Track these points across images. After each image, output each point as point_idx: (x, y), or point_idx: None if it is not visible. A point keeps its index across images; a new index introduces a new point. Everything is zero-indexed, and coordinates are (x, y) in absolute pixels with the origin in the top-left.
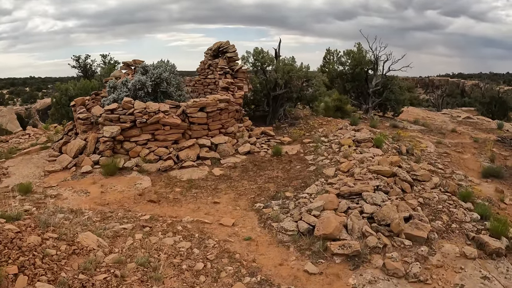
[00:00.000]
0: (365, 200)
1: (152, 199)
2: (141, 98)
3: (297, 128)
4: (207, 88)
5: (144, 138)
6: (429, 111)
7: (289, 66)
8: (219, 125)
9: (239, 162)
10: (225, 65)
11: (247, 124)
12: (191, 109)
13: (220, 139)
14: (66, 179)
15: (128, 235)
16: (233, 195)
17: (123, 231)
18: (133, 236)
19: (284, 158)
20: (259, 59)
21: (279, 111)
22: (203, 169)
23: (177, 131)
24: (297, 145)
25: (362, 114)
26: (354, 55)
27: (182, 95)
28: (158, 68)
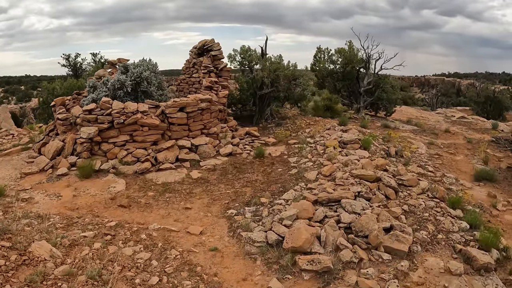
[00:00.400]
0: (344, 208)
1: (122, 204)
2: (121, 98)
3: (283, 128)
4: (192, 87)
5: (122, 139)
6: (424, 111)
7: (276, 64)
8: (200, 125)
9: (219, 164)
10: (210, 64)
11: (232, 125)
12: (170, 109)
13: (201, 140)
14: (41, 182)
15: (86, 244)
16: (207, 200)
17: (83, 240)
18: (91, 245)
19: (267, 160)
20: (246, 58)
21: (266, 111)
22: (181, 171)
23: (156, 132)
24: (282, 146)
25: (353, 113)
26: (345, 53)
27: (164, 95)
28: (139, 67)
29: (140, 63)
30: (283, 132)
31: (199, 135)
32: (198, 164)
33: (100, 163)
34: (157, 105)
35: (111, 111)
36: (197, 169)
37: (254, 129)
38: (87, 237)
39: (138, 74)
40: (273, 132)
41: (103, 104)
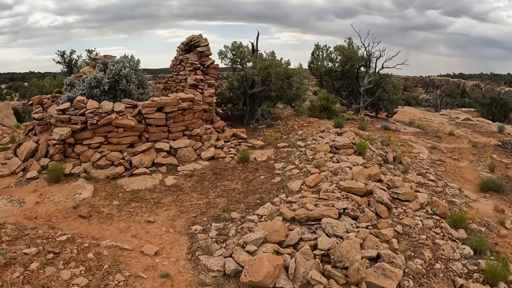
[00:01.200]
0: (324, 229)
1: (82, 214)
2: (97, 97)
3: (274, 130)
4: (179, 85)
5: (96, 141)
6: (427, 112)
7: (267, 61)
8: (182, 126)
9: (198, 170)
10: (196, 61)
11: (219, 125)
12: (147, 109)
13: (181, 142)
14: (9, 186)
15: (22, 264)
16: (174, 212)
17: (21, 258)
18: (27, 266)
19: (251, 166)
20: (238, 54)
21: (257, 111)
22: (155, 177)
23: (133, 133)
24: (270, 149)
25: (352, 114)
26: (344, 50)
27: (146, 94)
28: (117, 64)
29: (120, 59)
30: (273, 134)
31: (180, 137)
32: (175, 169)
33: (71, 167)
34: (135, 104)
35: (84, 111)
36: (173, 174)
37: (242, 131)
38: (28, 255)
39: (117, 72)
40: (263, 134)
41: (77, 103)
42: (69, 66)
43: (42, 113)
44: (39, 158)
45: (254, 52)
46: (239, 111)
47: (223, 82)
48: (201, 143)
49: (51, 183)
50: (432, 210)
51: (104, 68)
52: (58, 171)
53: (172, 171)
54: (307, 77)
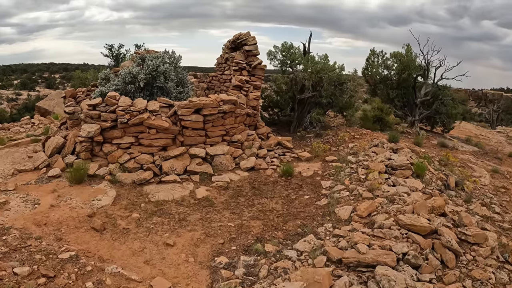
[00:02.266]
0: (379, 282)
1: (95, 227)
2: (132, 94)
3: (323, 140)
4: (223, 86)
5: (127, 141)
6: (482, 128)
7: (320, 65)
8: (221, 131)
9: (235, 182)
10: (242, 60)
11: (263, 132)
12: (183, 110)
13: (218, 149)
14: (29, 182)
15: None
16: (199, 233)
17: (8, 279)
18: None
19: (294, 181)
20: (288, 56)
21: (305, 118)
22: (185, 186)
23: (166, 136)
24: (317, 163)
25: (406, 127)
26: (401, 58)
27: (185, 93)
28: (156, 59)
29: (159, 54)
30: (322, 146)
31: (219, 142)
32: (210, 179)
33: (97, 167)
34: (171, 104)
35: (115, 108)
36: (206, 185)
37: (288, 139)
38: (18, 275)
39: (154, 67)
40: (311, 144)
41: (108, 99)
42: (116, 60)
43: (74, 107)
44: (66, 154)
45: (306, 54)
46: (286, 116)
47: (271, 84)
48: (242, 151)
49: (73, 183)
50: (504, 257)
51: (142, 63)
52: (82, 171)
53: (205, 181)
54: (361, 84)
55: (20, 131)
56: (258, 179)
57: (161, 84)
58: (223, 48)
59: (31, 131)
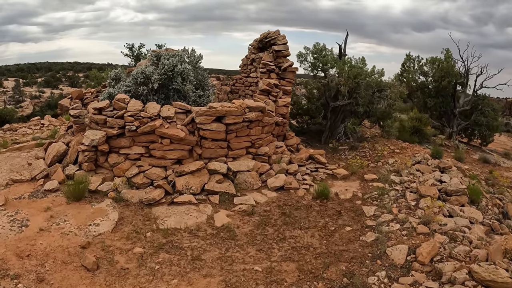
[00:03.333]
0: None
1: (86, 265)
2: (144, 97)
3: (359, 154)
4: (248, 89)
5: (136, 151)
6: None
7: (357, 69)
8: (246, 142)
9: (261, 204)
10: (271, 61)
11: (292, 143)
12: (202, 118)
13: (242, 164)
14: (23, 196)
15: None
16: (217, 282)
17: None
18: None
19: (331, 205)
20: (320, 59)
21: (339, 128)
22: (202, 210)
23: (181, 147)
24: (355, 182)
25: (444, 139)
26: (441, 64)
27: (205, 97)
28: (173, 58)
29: (176, 53)
30: (358, 161)
31: (243, 155)
32: (231, 201)
33: (100, 181)
34: (188, 110)
35: (124, 113)
36: (228, 208)
37: (321, 153)
38: None
39: (171, 67)
40: (345, 158)
41: (116, 102)
42: (136, 60)
43: (80, 110)
44: (67, 164)
45: (342, 57)
46: (316, 125)
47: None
48: (269, 166)
49: (71, 200)
50: None
51: (157, 62)
52: (82, 186)
53: (226, 203)
54: (403, 92)
55: (28, 133)
56: (289, 201)
57: (178, 86)
58: (249, 48)
59: (39, 133)
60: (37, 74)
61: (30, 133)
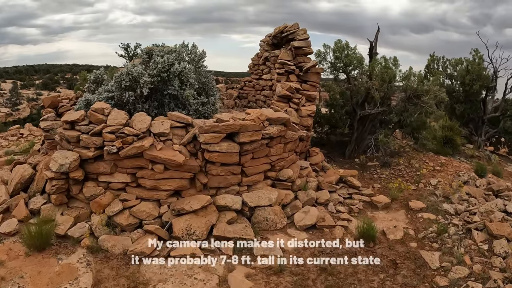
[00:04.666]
0: None
1: None
2: (131, 105)
3: (394, 172)
4: (260, 94)
5: (119, 179)
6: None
7: (392, 71)
8: (265, 165)
9: (291, 254)
10: (290, 60)
11: (317, 161)
12: (207, 136)
13: (261, 196)
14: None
15: None
16: None
17: None
18: None
19: (381, 251)
20: (342, 58)
21: (367, 140)
22: (211, 269)
23: (180, 174)
24: (400, 212)
25: (472, 149)
26: (472, 65)
27: (209, 104)
28: (168, 55)
29: (173, 48)
30: (397, 182)
31: (260, 181)
32: (250, 250)
33: (71, 222)
34: (188, 123)
35: (102, 128)
36: (246, 263)
37: (353, 174)
38: None
39: (166, 66)
40: (378, 177)
41: (93, 114)
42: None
43: (52, 122)
44: (33, 193)
45: (373, 57)
46: (337, 135)
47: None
48: (293, 194)
49: (32, 250)
50: None
51: (149, 60)
52: (47, 230)
53: (243, 252)
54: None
55: (2, 146)
56: (326, 248)
57: (175, 91)
58: (260, 45)
59: (15, 145)
60: (35, 76)
61: (5, 146)
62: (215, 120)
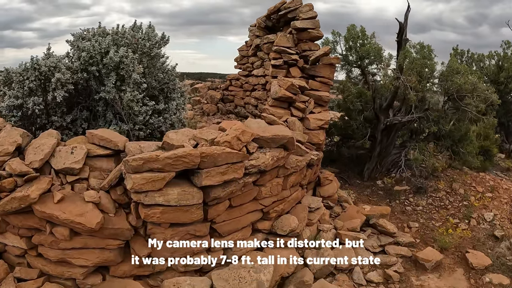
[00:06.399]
0: None
1: None
2: (37, 118)
3: (433, 201)
4: (250, 96)
5: (14, 242)
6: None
7: (432, 63)
8: (252, 214)
9: None
10: (289, 47)
11: (331, 192)
12: (138, 179)
13: (244, 276)
14: None
15: None
16: None
17: None
18: None
19: None
20: (358, 48)
21: (392, 156)
22: None
23: (102, 243)
24: (457, 275)
25: (504, 159)
26: (506, 61)
27: (169, 113)
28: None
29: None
30: (442, 214)
31: (246, 238)
32: None
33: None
34: (118, 150)
35: None
36: None
37: (384, 211)
38: None
39: (96, 55)
40: (413, 209)
41: None
42: None
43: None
44: None
45: (402, 44)
46: (350, 148)
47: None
48: (299, 257)
49: None
50: None
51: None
52: None
53: None
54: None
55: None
56: None
57: (110, 92)
58: (250, 30)
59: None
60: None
61: None
62: (159, 146)
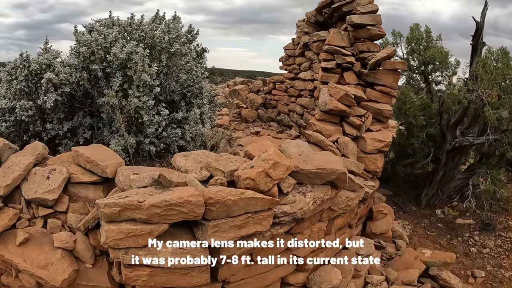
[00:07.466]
0: None
1: None
2: (41, 125)
3: (503, 241)
4: (295, 103)
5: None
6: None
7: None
8: (281, 268)
9: None
10: (343, 46)
11: (385, 229)
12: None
13: None
14: None
15: None
16: None
17: None
18: None
19: None
20: (421, 52)
21: (456, 181)
22: None
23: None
24: None
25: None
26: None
27: (189, 124)
28: (106, 29)
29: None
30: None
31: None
32: None
33: None
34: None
35: None
36: None
37: (448, 259)
38: None
39: (99, 51)
40: (478, 250)
41: None
42: None
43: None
44: None
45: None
46: (406, 167)
47: None
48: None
49: None
50: None
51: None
52: None
53: None
54: None
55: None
56: None
57: (113, 97)
58: (298, 26)
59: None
60: None
61: None
62: (155, 179)
